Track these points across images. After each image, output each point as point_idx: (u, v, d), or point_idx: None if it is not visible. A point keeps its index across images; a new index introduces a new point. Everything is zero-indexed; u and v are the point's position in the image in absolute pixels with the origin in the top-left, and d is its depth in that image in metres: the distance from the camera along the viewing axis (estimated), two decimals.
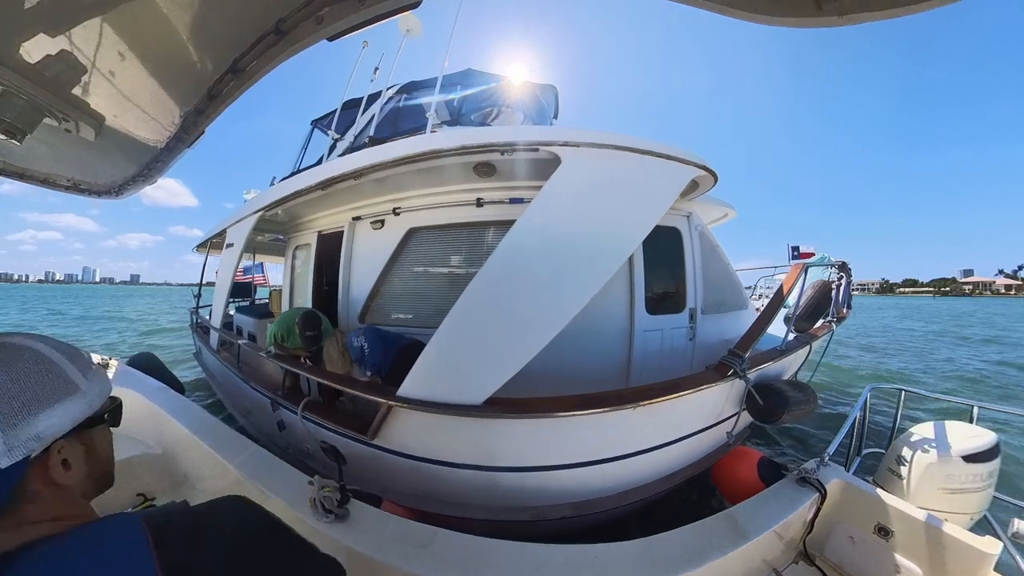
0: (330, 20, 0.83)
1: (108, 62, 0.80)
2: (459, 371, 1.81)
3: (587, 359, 2.52)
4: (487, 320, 1.83)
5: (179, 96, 1.00)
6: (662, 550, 1.38)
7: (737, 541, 1.43)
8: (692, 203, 3.09)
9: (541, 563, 1.29)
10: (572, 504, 2.04)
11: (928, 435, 1.98)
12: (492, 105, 4.15)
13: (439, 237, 2.82)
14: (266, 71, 0.96)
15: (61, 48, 0.72)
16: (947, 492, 1.84)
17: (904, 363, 9.86)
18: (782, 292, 2.42)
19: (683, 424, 2.23)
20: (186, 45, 0.83)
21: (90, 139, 0.96)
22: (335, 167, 2.53)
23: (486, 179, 2.46)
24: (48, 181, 1.32)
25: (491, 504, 1.97)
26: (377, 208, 3.01)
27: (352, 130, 4.20)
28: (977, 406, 2.11)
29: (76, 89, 0.84)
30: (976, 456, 1.84)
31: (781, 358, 2.53)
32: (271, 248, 6.41)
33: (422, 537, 1.35)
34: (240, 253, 3.82)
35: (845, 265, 3.85)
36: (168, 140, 1.15)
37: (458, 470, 1.89)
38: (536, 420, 1.81)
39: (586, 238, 1.90)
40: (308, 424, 2.22)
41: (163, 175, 1.43)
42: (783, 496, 1.68)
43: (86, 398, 0.52)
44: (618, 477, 2.11)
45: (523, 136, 2.06)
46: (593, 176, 1.93)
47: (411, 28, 4.16)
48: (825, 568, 1.63)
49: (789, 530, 1.65)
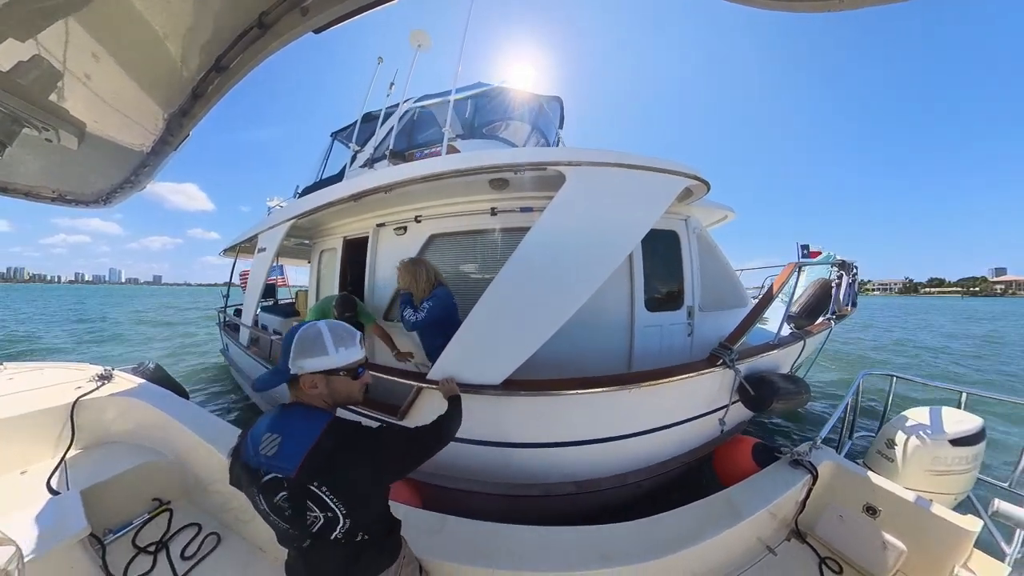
0: (315, 11, 0.81)
1: (82, 65, 0.75)
2: (481, 357, 2.09)
3: (591, 353, 2.75)
4: (505, 314, 2.11)
5: (161, 97, 0.96)
6: (661, 530, 1.45)
7: (732, 520, 1.50)
8: (690, 207, 3.29)
9: (545, 543, 1.36)
10: (575, 482, 2.28)
11: (917, 419, 2.04)
12: (502, 118, 4.41)
13: (457, 242, 3.09)
14: (251, 67, 0.92)
15: (33, 53, 0.67)
16: (933, 474, 1.91)
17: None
18: (771, 290, 2.59)
19: (677, 410, 2.44)
20: (163, 43, 0.79)
21: (73, 147, 0.92)
22: (369, 181, 2.81)
23: (500, 191, 2.74)
24: (32, 194, 1.26)
25: (505, 479, 2.22)
26: (400, 216, 3.30)
27: (371, 142, 4.52)
28: (966, 392, 2.17)
29: (53, 96, 0.79)
30: (962, 440, 1.90)
31: (772, 351, 2.71)
32: (291, 251, 6.79)
33: (432, 524, 1.43)
34: (272, 257, 4.18)
35: (846, 264, 3.96)
36: (153, 144, 1.11)
37: (476, 447, 2.15)
38: (545, 397, 2.07)
39: (588, 242, 2.16)
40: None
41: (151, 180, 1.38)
42: (777, 478, 1.77)
43: (330, 359, 0.94)
44: (618, 457, 2.34)
45: (535, 157, 2.36)
46: (593, 190, 2.20)
47: (422, 43, 4.46)
48: (816, 545, 1.70)
49: (782, 510, 1.72)
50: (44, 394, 2.23)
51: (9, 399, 2.11)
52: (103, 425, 2.24)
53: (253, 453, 0.88)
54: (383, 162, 3.95)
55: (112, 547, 1.62)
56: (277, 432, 0.89)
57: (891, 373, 2.53)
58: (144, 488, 1.92)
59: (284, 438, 0.88)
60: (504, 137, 4.49)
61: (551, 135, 4.96)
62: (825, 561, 1.62)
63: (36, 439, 2.05)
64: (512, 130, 4.53)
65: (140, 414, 2.25)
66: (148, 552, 1.65)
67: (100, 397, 2.29)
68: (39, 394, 2.23)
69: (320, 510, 0.85)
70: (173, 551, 1.66)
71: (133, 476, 1.91)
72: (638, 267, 2.87)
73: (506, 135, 4.51)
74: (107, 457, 2.05)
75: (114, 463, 1.96)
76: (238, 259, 7.04)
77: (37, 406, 2.09)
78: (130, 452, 2.09)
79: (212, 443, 1.90)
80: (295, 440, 0.87)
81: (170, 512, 1.86)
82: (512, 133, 4.55)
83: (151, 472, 1.98)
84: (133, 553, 1.63)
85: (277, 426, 0.90)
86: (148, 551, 1.65)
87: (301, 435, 0.88)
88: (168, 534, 1.74)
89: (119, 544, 1.66)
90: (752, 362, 2.58)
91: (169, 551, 1.66)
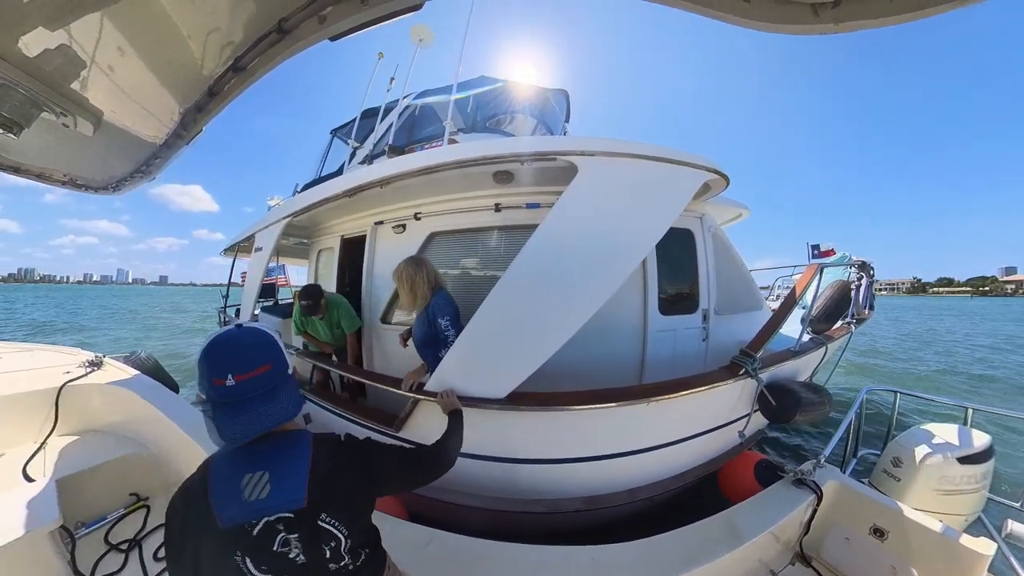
0: (333, 20, 0.84)
1: (107, 57, 0.79)
2: (484, 367, 1.92)
3: (602, 359, 2.59)
4: (510, 320, 1.94)
5: (179, 93, 0.99)
6: (658, 552, 1.38)
7: (734, 543, 1.43)
8: (705, 204, 3.12)
9: (535, 564, 1.30)
10: (584, 499, 2.12)
11: (923, 437, 2.00)
12: (506, 111, 4.26)
13: (459, 240, 2.93)
14: (268, 69, 0.95)
15: (60, 42, 0.71)
16: (942, 493, 1.86)
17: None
18: (795, 293, 2.43)
19: (693, 422, 2.27)
20: (187, 42, 0.82)
21: (88, 134, 0.94)
22: (362, 175, 2.65)
23: (504, 185, 2.56)
24: (44, 176, 1.30)
25: (508, 495, 2.06)
26: (399, 213, 3.15)
27: (371, 138, 4.39)
28: (971, 408, 2.12)
29: (75, 84, 0.82)
30: (970, 458, 1.86)
31: (794, 359, 2.54)
32: (293, 251, 6.70)
33: (419, 539, 1.37)
34: (268, 257, 4.05)
35: (865, 265, 3.78)
36: (167, 137, 1.14)
37: (478, 461, 1.99)
38: (553, 412, 1.91)
39: (601, 243, 1.99)
40: (335, 418, 2.37)
41: (161, 172, 1.41)
42: (780, 498, 1.69)
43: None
44: (629, 473, 2.18)
45: (542, 146, 2.16)
46: (607, 183, 2.01)
47: (423, 38, 4.31)
48: (821, 569, 1.63)
49: (786, 532, 1.66)
50: (31, 376, 2.17)
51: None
52: (88, 413, 2.17)
53: (237, 507, 0.69)
54: (382, 158, 3.81)
55: (82, 542, 1.55)
56: (260, 469, 0.72)
57: (895, 389, 2.47)
58: (122, 482, 1.84)
59: (271, 472, 0.72)
60: (508, 131, 4.33)
61: (557, 130, 4.79)
62: None
63: (18, 422, 1.99)
64: (516, 124, 4.38)
65: (127, 405, 2.18)
66: (120, 550, 1.57)
67: (88, 384, 2.22)
68: (26, 376, 2.17)
69: (328, 537, 0.75)
70: (146, 551, 1.57)
71: (112, 468, 1.84)
72: (652, 267, 2.69)
73: (510, 129, 4.35)
74: (88, 446, 1.98)
75: (94, 453, 1.89)
76: (237, 258, 6.96)
77: (22, 388, 2.03)
78: (112, 443, 2.02)
79: (199, 440, 1.80)
80: (288, 467, 0.74)
81: (147, 509, 1.78)
82: (516, 127, 4.39)
83: (131, 465, 1.90)
84: (104, 550, 1.56)
85: (255, 463, 0.73)
86: (120, 548, 1.57)
87: (292, 461, 0.75)
88: (143, 532, 1.66)
89: (90, 539, 1.59)
90: (773, 370, 2.42)
91: (142, 550, 1.57)
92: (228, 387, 0.69)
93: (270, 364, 0.74)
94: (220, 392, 0.69)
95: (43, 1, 0.62)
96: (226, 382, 0.69)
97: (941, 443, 1.92)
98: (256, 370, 0.72)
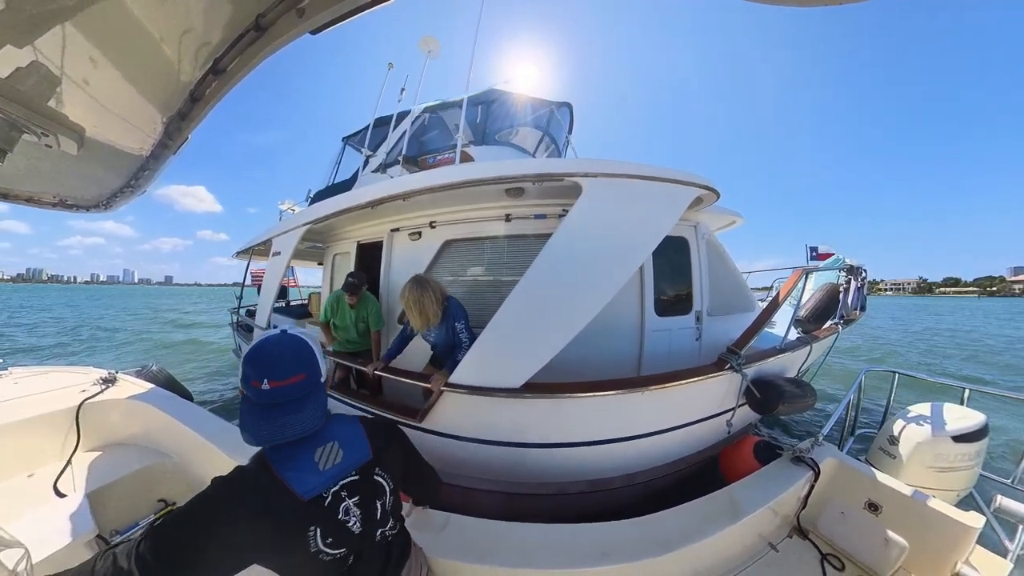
0: (311, 12, 0.80)
1: (80, 70, 0.75)
2: (502, 361, 2.18)
3: (603, 356, 2.83)
4: (525, 320, 2.19)
5: (159, 101, 0.95)
6: (662, 527, 1.45)
7: (734, 518, 1.50)
8: (699, 214, 3.35)
9: (546, 541, 1.37)
10: (588, 481, 2.36)
11: (919, 416, 2.05)
12: (513, 123, 4.49)
13: (471, 248, 3.17)
14: (249, 69, 0.92)
15: (31, 60, 0.67)
16: (936, 470, 1.93)
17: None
18: (778, 297, 2.63)
19: (686, 412, 2.51)
20: (160, 47, 0.78)
21: (73, 152, 0.91)
22: (386, 188, 2.88)
23: (515, 199, 2.82)
24: (33, 200, 1.27)
25: (520, 479, 2.30)
26: (415, 221, 3.38)
27: (383, 147, 4.63)
28: (968, 388, 2.17)
29: (51, 101, 0.79)
30: (965, 436, 1.91)
31: (778, 356, 2.76)
32: (303, 253, 6.93)
33: (436, 522, 1.43)
34: (288, 260, 4.29)
35: (855, 268, 3.97)
36: (153, 147, 1.11)
37: (493, 447, 2.24)
38: (558, 399, 2.16)
39: (603, 252, 2.24)
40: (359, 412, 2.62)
41: (151, 184, 1.40)
42: (779, 475, 1.78)
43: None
44: (628, 457, 2.42)
45: (552, 168, 2.42)
46: (609, 200, 2.28)
47: (432, 49, 4.55)
48: (818, 542, 1.70)
49: (784, 506, 1.73)
50: (49, 398, 2.23)
51: (15, 403, 2.11)
52: (108, 428, 2.25)
53: (315, 478, 0.76)
54: (396, 167, 4.04)
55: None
56: (328, 441, 0.82)
57: (893, 370, 2.54)
58: (150, 490, 1.93)
59: (339, 441, 0.84)
60: (515, 143, 4.57)
61: (560, 141, 5.03)
62: (827, 558, 1.63)
63: (42, 442, 2.05)
64: (522, 136, 4.61)
65: (144, 416, 2.27)
66: None
67: (105, 400, 2.30)
68: (44, 398, 2.23)
69: (380, 492, 0.87)
70: None
71: (138, 478, 1.94)
72: (648, 272, 2.94)
73: (517, 141, 4.58)
74: (113, 459, 2.06)
75: (120, 465, 1.97)
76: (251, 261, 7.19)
77: (43, 410, 2.10)
78: (135, 454, 2.12)
79: (216, 444, 1.91)
80: (351, 436, 0.87)
81: None
82: (522, 139, 4.62)
83: (156, 474, 1.99)
84: None
85: (321, 439, 0.81)
86: None
87: (350, 433, 0.88)
88: None
89: None
90: (759, 366, 2.64)
91: None
92: (263, 391, 0.73)
93: (304, 375, 0.77)
94: (255, 393, 0.73)
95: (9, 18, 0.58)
96: (262, 386, 0.73)
97: (936, 422, 1.97)
98: (290, 379, 0.75)
